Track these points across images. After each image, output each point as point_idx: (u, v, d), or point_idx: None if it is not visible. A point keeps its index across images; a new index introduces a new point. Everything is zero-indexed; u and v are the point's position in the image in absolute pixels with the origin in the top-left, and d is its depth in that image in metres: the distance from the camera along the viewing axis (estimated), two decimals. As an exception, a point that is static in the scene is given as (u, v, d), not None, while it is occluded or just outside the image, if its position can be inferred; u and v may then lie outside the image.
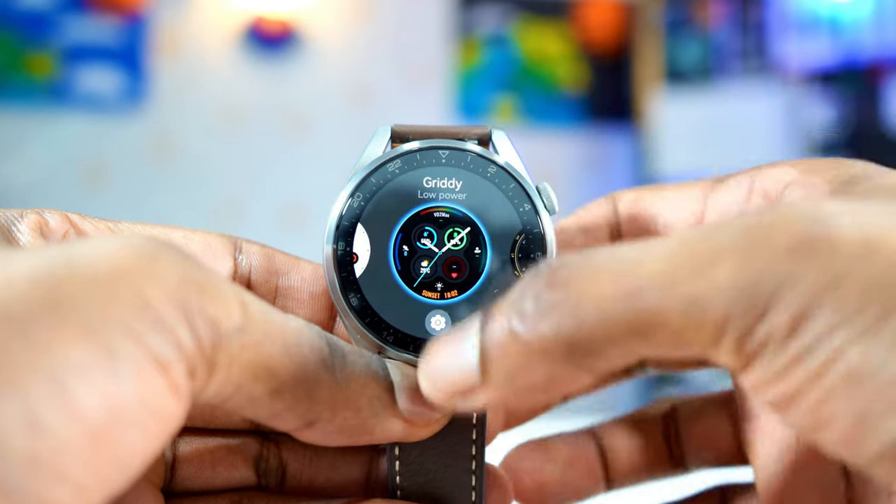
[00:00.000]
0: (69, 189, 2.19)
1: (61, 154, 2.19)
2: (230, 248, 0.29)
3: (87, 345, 0.18)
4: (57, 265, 0.19)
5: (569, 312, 0.20)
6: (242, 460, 0.29)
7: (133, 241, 0.20)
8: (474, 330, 0.22)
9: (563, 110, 2.49)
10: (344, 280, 0.27)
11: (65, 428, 0.17)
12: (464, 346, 0.22)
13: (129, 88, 2.25)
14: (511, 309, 0.21)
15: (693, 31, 2.32)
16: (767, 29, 2.17)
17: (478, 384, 0.21)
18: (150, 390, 0.18)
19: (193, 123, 2.28)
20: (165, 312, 0.19)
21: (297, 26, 2.33)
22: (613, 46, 2.51)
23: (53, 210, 0.26)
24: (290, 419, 0.23)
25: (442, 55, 2.44)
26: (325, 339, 0.24)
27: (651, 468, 0.33)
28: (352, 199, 0.28)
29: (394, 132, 0.29)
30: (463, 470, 0.28)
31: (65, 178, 2.19)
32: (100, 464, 0.17)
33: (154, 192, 2.24)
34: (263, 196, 2.30)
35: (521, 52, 2.48)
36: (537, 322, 0.20)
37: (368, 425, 0.24)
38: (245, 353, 0.21)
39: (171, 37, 2.27)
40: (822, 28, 2.04)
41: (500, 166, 0.29)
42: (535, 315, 0.20)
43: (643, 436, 0.33)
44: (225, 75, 2.30)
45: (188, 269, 0.20)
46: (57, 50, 2.21)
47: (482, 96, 2.45)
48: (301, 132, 2.33)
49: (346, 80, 2.36)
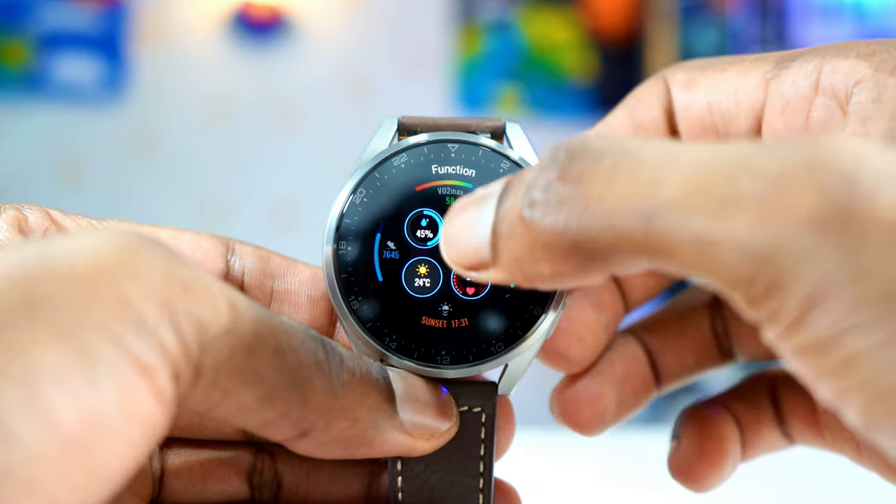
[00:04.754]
0: (44, 185, 2.18)
1: (36, 148, 2.19)
2: (221, 249, 0.29)
3: (63, 348, 0.17)
4: (32, 262, 0.19)
5: (577, 212, 0.20)
6: (235, 473, 0.29)
7: (113, 237, 0.20)
8: (493, 200, 0.22)
9: (570, 101, 2.49)
10: (345, 282, 0.27)
11: (38, 438, 0.17)
12: (481, 214, 0.23)
13: (109, 78, 2.25)
14: (525, 191, 0.21)
15: (709, 16, 2.32)
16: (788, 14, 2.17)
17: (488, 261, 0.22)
18: (131, 396, 0.18)
19: (177, 115, 2.28)
20: (148, 313, 0.19)
21: (288, 12, 2.33)
22: (624, 33, 2.51)
23: (33, 205, 0.26)
24: (283, 428, 0.23)
25: (442, 42, 2.43)
26: (322, 343, 0.24)
27: (700, 365, 0.33)
28: (354, 195, 0.28)
29: (400, 124, 0.29)
30: (470, 488, 0.28)
31: (39, 174, 2.19)
32: (76, 476, 0.17)
33: (135, 188, 2.24)
34: (252, 193, 2.30)
35: (525, 40, 2.48)
36: (545, 214, 0.21)
37: (367, 437, 0.24)
38: (234, 357, 0.21)
39: (153, 23, 2.27)
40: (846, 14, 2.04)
41: (514, 161, 0.29)
42: (544, 206, 0.21)
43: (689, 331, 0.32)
44: (211, 64, 2.30)
45: (172, 266, 0.20)
46: (32, 37, 2.21)
47: (485, 86, 2.45)
48: (292, 124, 2.33)
49: (340, 70, 2.36)
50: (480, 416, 0.28)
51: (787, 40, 2.17)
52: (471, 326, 0.27)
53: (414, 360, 0.27)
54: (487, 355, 0.27)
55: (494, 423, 0.28)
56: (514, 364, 0.28)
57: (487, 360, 0.27)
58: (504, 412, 0.29)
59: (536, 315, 0.28)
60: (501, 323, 0.28)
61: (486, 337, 0.27)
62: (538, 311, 0.28)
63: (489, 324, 0.28)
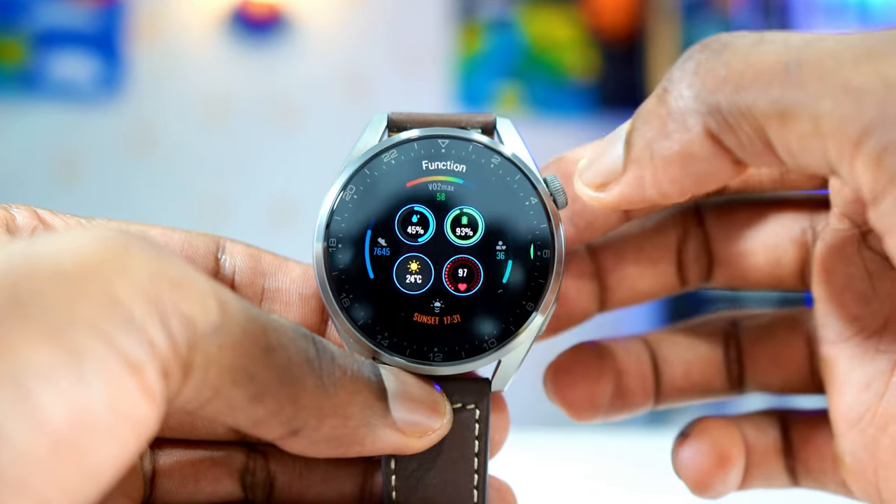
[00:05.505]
0: (40, 184, 2.19)
1: (32, 147, 2.19)
2: (212, 247, 0.29)
3: (51, 346, 0.17)
4: (19, 260, 0.19)
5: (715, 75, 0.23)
6: (227, 473, 0.29)
7: (101, 235, 0.20)
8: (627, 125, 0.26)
9: (571, 99, 2.49)
10: (336, 280, 0.28)
11: (27, 437, 0.17)
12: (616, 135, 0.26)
13: (105, 76, 2.25)
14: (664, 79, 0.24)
15: (711, 14, 2.32)
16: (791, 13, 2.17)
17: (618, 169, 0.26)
18: (120, 394, 0.18)
19: (174, 114, 2.28)
20: (136, 310, 0.19)
21: (286, 10, 2.33)
22: (625, 31, 2.51)
23: (21, 205, 0.26)
24: (273, 427, 0.23)
25: (441, 40, 2.44)
26: (312, 340, 0.24)
27: (705, 387, 0.32)
28: (344, 192, 0.28)
29: (390, 120, 0.30)
30: (465, 486, 0.28)
31: (35, 173, 2.19)
32: (66, 475, 0.17)
33: (132, 188, 2.24)
34: (250, 192, 2.30)
35: (526, 38, 2.48)
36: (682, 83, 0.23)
37: (359, 435, 0.24)
38: (223, 355, 0.21)
39: (150, 20, 2.27)
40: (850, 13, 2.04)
41: (505, 157, 0.29)
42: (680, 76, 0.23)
43: (702, 349, 0.32)
44: (208, 62, 2.30)
45: (161, 262, 0.20)
46: (28, 35, 2.21)
47: (485, 85, 2.45)
48: (290, 123, 2.33)
49: (339, 68, 2.36)
50: (474, 414, 0.28)
51: (791, 38, 2.17)
52: (463, 323, 0.28)
53: (406, 358, 0.27)
54: (480, 352, 0.27)
55: (488, 420, 0.28)
56: (508, 360, 0.28)
57: (480, 356, 0.27)
58: (498, 409, 0.29)
59: (529, 311, 0.28)
60: (494, 319, 0.28)
61: (478, 333, 0.28)
62: (530, 307, 0.28)
63: (481, 320, 0.28)
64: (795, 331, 0.32)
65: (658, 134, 0.24)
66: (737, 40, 0.23)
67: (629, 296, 0.32)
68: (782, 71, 0.22)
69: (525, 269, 0.28)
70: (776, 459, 0.31)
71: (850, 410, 0.28)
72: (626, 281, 0.32)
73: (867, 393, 0.28)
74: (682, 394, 0.32)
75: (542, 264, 0.28)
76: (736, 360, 0.32)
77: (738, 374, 0.32)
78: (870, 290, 0.28)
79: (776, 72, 0.22)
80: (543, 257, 0.28)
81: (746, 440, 0.31)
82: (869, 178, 0.20)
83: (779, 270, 0.31)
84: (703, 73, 0.23)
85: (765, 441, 0.31)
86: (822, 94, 0.21)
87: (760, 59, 0.22)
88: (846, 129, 0.20)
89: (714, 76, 0.23)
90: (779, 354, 0.32)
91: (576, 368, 0.31)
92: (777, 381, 0.32)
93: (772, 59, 0.22)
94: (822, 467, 0.31)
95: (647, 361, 0.32)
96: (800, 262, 0.31)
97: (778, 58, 0.22)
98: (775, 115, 0.22)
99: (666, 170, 0.25)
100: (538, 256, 0.28)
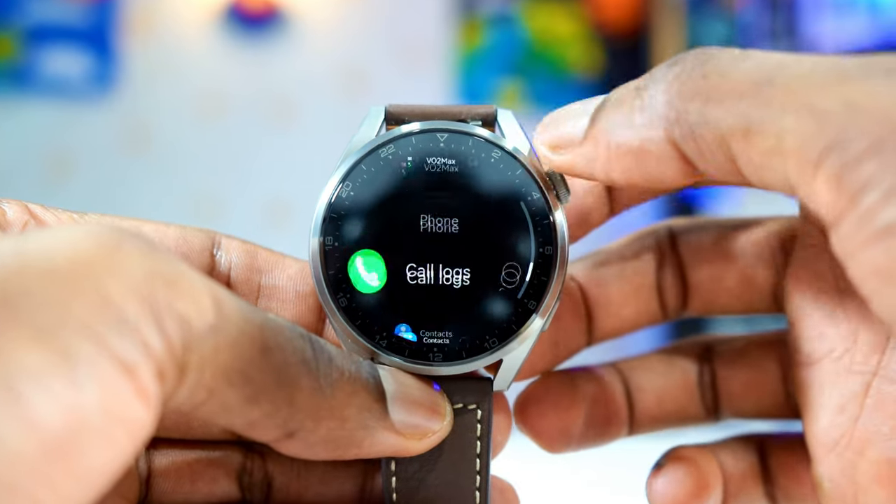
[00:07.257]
0: (32, 182, 2.18)
1: (24, 144, 2.19)
2: (207, 243, 0.29)
3: (43, 348, 0.17)
4: (9, 257, 0.19)
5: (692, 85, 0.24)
6: (224, 473, 0.29)
7: (93, 231, 0.20)
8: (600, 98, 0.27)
9: (574, 96, 2.45)
10: (332, 278, 0.27)
11: (19, 440, 0.17)
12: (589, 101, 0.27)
13: (98, 72, 2.25)
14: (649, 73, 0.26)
15: (717, 9, 2.32)
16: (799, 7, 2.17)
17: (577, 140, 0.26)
18: (114, 396, 0.18)
19: (169, 110, 2.28)
20: (130, 310, 0.19)
21: (282, 5, 2.33)
22: (630, 26, 2.51)
23: (12, 200, 0.26)
24: (269, 428, 0.23)
25: (442, 36, 2.43)
26: (309, 340, 0.24)
27: (679, 415, 0.32)
28: (341, 186, 0.28)
29: (388, 113, 0.30)
30: (467, 487, 0.28)
31: (28, 171, 2.19)
32: (59, 478, 0.17)
33: (126, 185, 2.23)
34: (246, 190, 2.30)
35: (528, 33, 2.48)
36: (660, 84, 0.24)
37: (356, 438, 0.24)
38: (219, 355, 0.21)
39: (143, 16, 2.27)
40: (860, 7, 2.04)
41: (506, 151, 0.28)
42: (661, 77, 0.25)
43: (674, 377, 0.32)
44: (203, 58, 2.30)
45: (155, 260, 0.20)
46: (19, 30, 2.21)
47: (486, 81, 2.45)
48: (287, 120, 2.33)
49: (336, 64, 2.36)
50: (476, 414, 0.28)
51: (798, 34, 2.17)
52: (463, 322, 0.27)
53: (405, 358, 0.27)
54: (481, 351, 0.27)
55: (490, 420, 0.28)
56: (509, 359, 0.28)
57: (481, 356, 0.27)
58: (500, 409, 0.29)
59: (531, 309, 0.28)
60: (495, 318, 0.27)
61: (478, 332, 0.27)
62: (532, 305, 0.28)
63: (482, 319, 0.27)
64: (769, 354, 0.32)
65: (624, 121, 0.25)
66: (722, 54, 0.24)
67: (615, 324, 0.32)
68: (753, 88, 0.22)
69: (527, 266, 0.28)
70: (755, 486, 0.31)
71: (826, 435, 0.28)
72: (611, 308, 0.32)
73: (842, 416, 0.27)
74: (656, 422, 0.32)
75: (545, 261, 0.28)
76: (710, 385, 0.32)
77: (713, 401, 0.32)
78: (839, 308, 0.27)
79: (746, 88, 0.22)
80: (546, 254, 0.28)
81: (723, 468, 0.31)
82: (828, 199, 0.20)
83: (750, 294, 0.31)
84: (682, 81, 0.24)
85: (742, 468, 0.31)
86: (786, 112, 0.21)
87: (736, 75, 0.23)
88: (807, 149, 0.21)
89: (690, 86, 0.24)
90: (752, 379, 0.32)
91: (546, 397, 0.31)
92: (751, 407, 0.32)
93: (746, 76, 0.23)
94: (801, 493, 0.31)
95: (620, 390, 0.32)
96: (771, 285, 0.31)
97: (751, 76, 0.23)
98: (740, 131, 0.22)
99: (619, 158, 0.25)
100: (540, 253, 0.28)
